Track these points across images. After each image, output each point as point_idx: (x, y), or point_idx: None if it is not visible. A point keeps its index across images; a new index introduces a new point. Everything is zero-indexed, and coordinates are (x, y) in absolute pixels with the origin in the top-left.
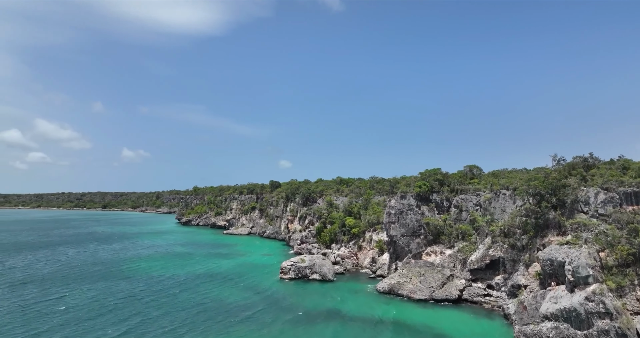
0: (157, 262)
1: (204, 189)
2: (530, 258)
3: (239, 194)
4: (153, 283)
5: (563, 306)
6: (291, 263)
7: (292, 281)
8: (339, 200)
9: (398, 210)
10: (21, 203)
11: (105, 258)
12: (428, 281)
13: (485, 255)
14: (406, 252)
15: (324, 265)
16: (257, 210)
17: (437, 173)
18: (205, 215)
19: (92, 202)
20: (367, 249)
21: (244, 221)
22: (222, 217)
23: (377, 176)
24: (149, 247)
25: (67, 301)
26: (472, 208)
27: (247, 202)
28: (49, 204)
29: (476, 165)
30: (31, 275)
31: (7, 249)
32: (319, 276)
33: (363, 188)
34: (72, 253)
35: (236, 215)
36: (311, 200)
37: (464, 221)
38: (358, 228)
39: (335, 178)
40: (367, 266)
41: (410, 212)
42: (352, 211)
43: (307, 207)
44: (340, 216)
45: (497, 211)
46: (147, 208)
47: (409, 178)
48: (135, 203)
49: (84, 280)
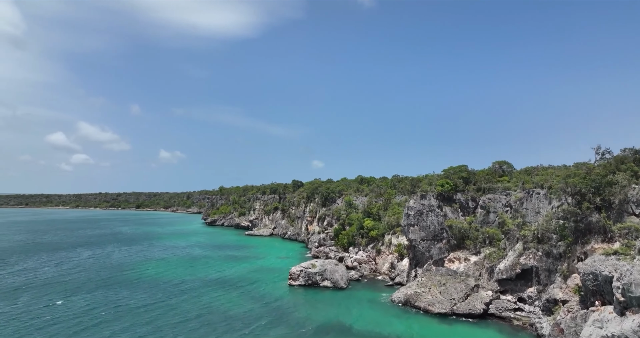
0: (169, 266)
1: (229, 190)
2: (569, 269)
3: (262, 194)
4: (155, 291)
5: (611, 333)
6: (300, 269)
7: (301, 288)
8: (358, 200)
9: (417, 211)
10: (61, 203)
11: (117, 262)
12: (449, 292)
13: (516, 263)
14: (426, 258)
15: (336, 271)
16: (280, 211)
17: (462, 170)
18: (230, 215)
19: (126, 202)
20: (386, 253)
21: (267, 222)
22: (246, 217)
23: (400, 174)
24: (167, 249)
25: (54, 311)
26: (501, 209)
27: (269, 202)
28: (87, 204)
29: (506, 161)
30: (32, 279)
31: (26, 250)
32: (330, 284)
33: (384, 187)
34: (86, 256)
35: (259, 216)
36: (330, 200)
37: (491, 224)
38: (377, 230)
39: (356, 177)
40: (385, 272)
41: (431, 213)
42: (371, 212)
43: (326, 207)
44: (359, 217)
45: (529, 212)
46: (178, 208)
47: (431, 176)
48: (167, 203)
49: (84, 287)
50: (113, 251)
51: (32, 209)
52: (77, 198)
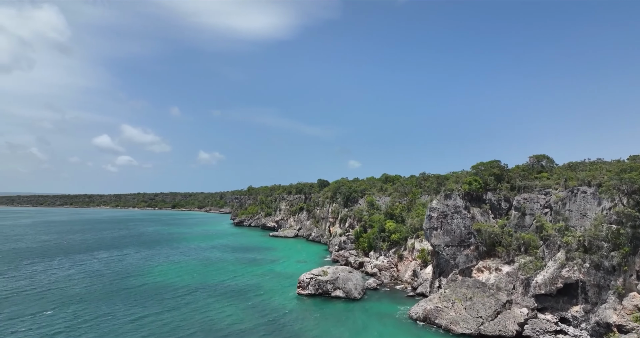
0: (179, 272)
1: (257, 190)
2: (625, 286)
3: (287, 194)
4: (153, 303)
5: None
6: (310, 276)
7: (310, 298)
8: (381, 200)
9: (441, 213)
10: (102, 203)
11: (127, 267)
12: (476, 308)
13: (557, 277)
14: (452, 266)
15: (350, 279)
16: (305, 211)
17: (493, 166)
18: (257, 216)
19: (163, 202)
20: (408, 259)
21: (292, 223)
22: (272, 218)
23: (426, 172)
24: (184, 252)
25: (28, 325)
26: (538, 211)
27: (295, 202)
28: (126, 204)
29: (546, 155)
30: (28, 286)
31: (42, 252)
32: (342, 294)
33: (408, 186)
34: (98, 260)
35: (284, 216)
36: (352, 200)
37: (527, 229)
38: (399, 233)
39: (381, 176)
40: (407, 280)
41: (457, 216)
42: (393, 213)
43: (348, 208)
44: (380, 219)
45: (574, 215)
46: (211, 208)
47: (459, 173)
48: (201, 203)
49: (79, 296)
50: (128, 255)
51: (73, 209)
52: (117, 198)
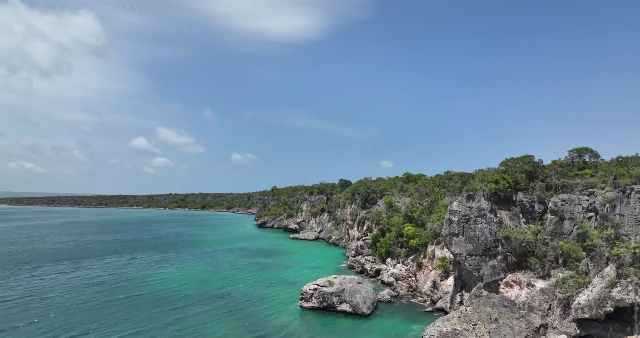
0: (182, 278)
1: (281, 190)
2: None
3: (309, 194)
4: (139, 318)
5: None
6: (314, 287)
7: (313, 312)
8: (401, 201)
9: (463, 217)
10: (136, 203)
11: (133, 273)
12: (502, 333)
13: (605, 297)
14: (475, 279)
15: (358, 291)
16: (326, 212)
17: (525, 162)
18: (280, 217)
19: (193, 203)
20: (428, 268)
21: (313, 225)
22: (294, 219)
23: (451, 170)
24: (198, 256)
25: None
26: (580, 214)
27: (316, 203)
28: (158, 204)
29: (589, 148)
30: (14, 295)
31: (54, 255)
32: (349, 308)
33: (430, 186)
34: (107, 263)
35: (306, 218)
36: (371, 202)
37: (566, 236)
38: (418, 239)
39: (403, 175)
40: (426, 292)
41: (481, 220)
42: (412, 216)
43: (366, 210)
44: (399, 222)
45: (626, 221)
46: (239, 208)
47: (485, 170)
48: (230, 203)
49: (59, 309)
50: (137, 259)
51: (107, 210)
52: (150, 198)
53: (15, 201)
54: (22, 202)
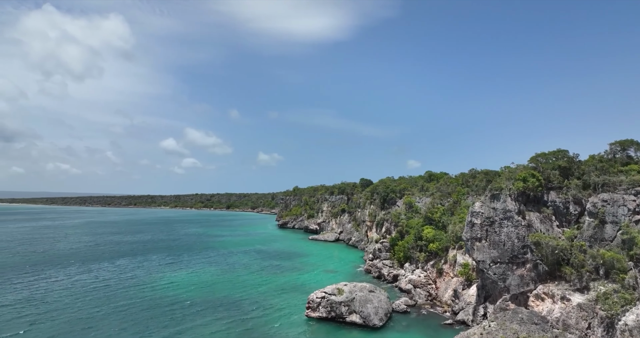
0: (191, 282)
1: (302, 190)
2: None
3: (329, 194)
4: (136, 327)
5: None
6: (322, 295)
7: (320, 323)
8: (421, 202)
9: (486, 219)
10: (163, 203)
11: (141, 276)
12: None
13: None
14: (500, 290)
15: (370, 300)
16: (346, 213)
17: (558, 157)
18: (300, 218)
19: (218, 203)
20: (449, 275)
21: (334, 225)
22: (314, 220)
23: (476, 168)
24: (212, 258)
25: None
26: (626, 217)
27: (337, 204)
28: (184, 204)
29: (634, 140)
30: (12, 299)
31: (64, 256)
32: (359, 319)
33: (452, 185)
34: (118, 265)
35: (326, 218)
36: (390, 202)
37: (608, 243)
38: (439, 242)
39: (424, 173)
40: (447, 301)
41: (507, 223)
42: (432, 217)
43: (385, 211)
44: (419, 224)
45: None
46: (262, 208)
47: (512, 168)
48: (254, 203)
49: (54, 316)
50: (149, 262)
51: (134, 209)
52: (177, 198)
53: (50, 201)
54: (56, 202)
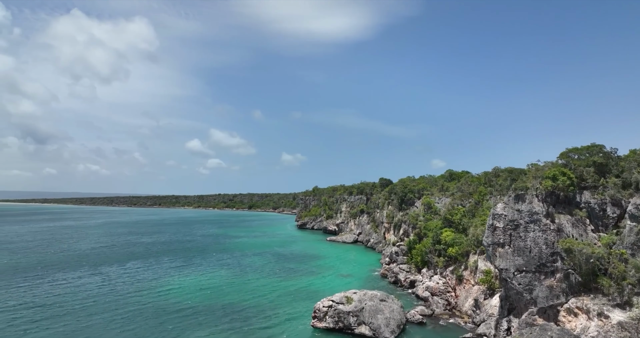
0: (197, 287)
1: (321, 190)
2: None
3: (348, 194)
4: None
5: None
6: (329, 304)
7: (327, 334)
8: (441, 202)
9: (510, 223)
10: (186, 204)
11: (147, 280)
12: None
13: None
14: (526, 302)
15: (381, 311)
16: (365, 214)
17: (593, 152)
18: (319, 218)
19: (241, 203)
20: (469, 282)
21: (352, 226)
22: (333, 220)
23: (500, 166)
24: (223, 260)
25: None
26: None
27: (356, 204)
28: (207, 204)
29: None
30: (8, 304)
31: (77, 259)
32: (368, 331)
33: (474, 184)
34: (126, 268)
35: (345, 219)
36: (408, 202)
37: None
38: (458, 247)
39: (444, 172)
40: (467, 312)
41: (534, 226)
42: (452, 220)
43: (403, 212)
44: (437, 226)
45: None
46: (284, 209)
47: (539, 164)
48: (276, 204)
49: (48, 322)
50: (157, 265)
51: (158, 209)
52: (200, 199)
53: (79, 201)
54: (85, 202)
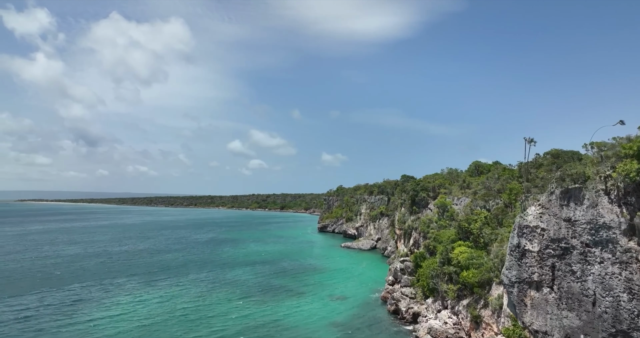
0: (144, 315)
1: (345, 190)
2: None
3: (369, 194)
4: None
5: None
6: None
7: None
8: (460, 203)
9: (552, 243)
10: (221, 204)
11: (94, 306)
12: None
13: None
14: None
15: None
16: (385, 216)
17: None
18: (341, 220)
19: (273, 203)
20: (491, 329)
21: (371, 231)
22: (352, 224)
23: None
24: (207, 276)
25: None
26: None
27: (376, 205)
28: (241, 204)
29: None
30: None
31: (75, 272)
32: None
33: (504, 179)
34: (128, 288)
35: (364, 222)
36: (420, 204)
37: None
38: (476, 271)
39: (469, 165)
40: None
41: (603, 253)
42: (469, 229)
43: (414, 215)
44: (449, 238)
45: None
46: (315, 209)
47: (605, 143)
48: (307, 204)
49: None
50: (124, 283)
51: (191, 210)
52: (234, 199)
53: (121, 201)
54: (126, 202)
